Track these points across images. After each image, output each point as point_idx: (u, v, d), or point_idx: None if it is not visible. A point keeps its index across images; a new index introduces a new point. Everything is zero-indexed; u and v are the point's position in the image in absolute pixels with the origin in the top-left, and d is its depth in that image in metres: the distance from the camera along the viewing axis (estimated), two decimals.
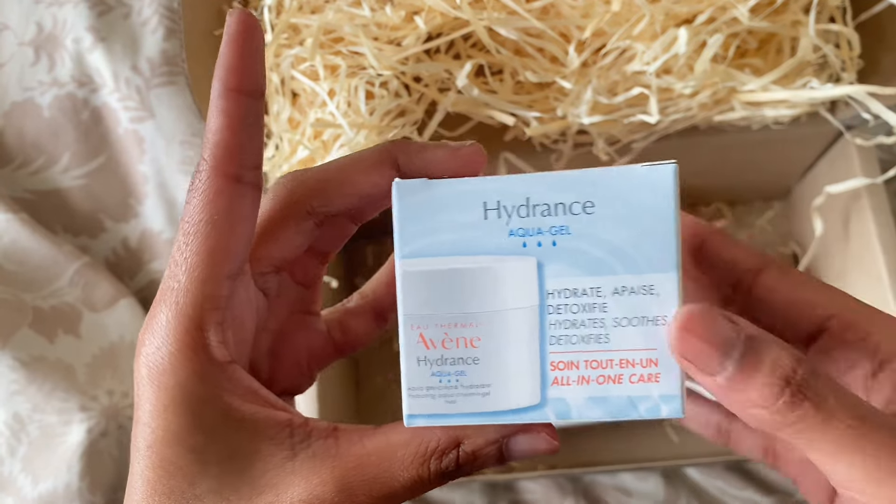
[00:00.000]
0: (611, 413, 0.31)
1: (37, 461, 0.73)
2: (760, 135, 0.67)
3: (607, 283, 0.30)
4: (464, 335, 0.31)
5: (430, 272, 0.31)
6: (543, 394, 0.31)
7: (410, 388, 0.31)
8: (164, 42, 0.80)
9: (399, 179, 0.31)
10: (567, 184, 0.30)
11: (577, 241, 0.30)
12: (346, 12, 0.61)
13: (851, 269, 0.70)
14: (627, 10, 0.59)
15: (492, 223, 0.30)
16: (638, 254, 0.29)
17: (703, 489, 0.74)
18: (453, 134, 0.66)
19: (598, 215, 0.30)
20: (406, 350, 0.31)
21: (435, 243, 0.30)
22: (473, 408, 0.31)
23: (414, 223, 0.31)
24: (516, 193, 0.30)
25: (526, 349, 0.31)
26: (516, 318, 0.30)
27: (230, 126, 0.30)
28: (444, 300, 0.31)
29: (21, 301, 0.77)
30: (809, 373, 0.27)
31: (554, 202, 0.30)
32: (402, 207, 0.31)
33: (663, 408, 0.30)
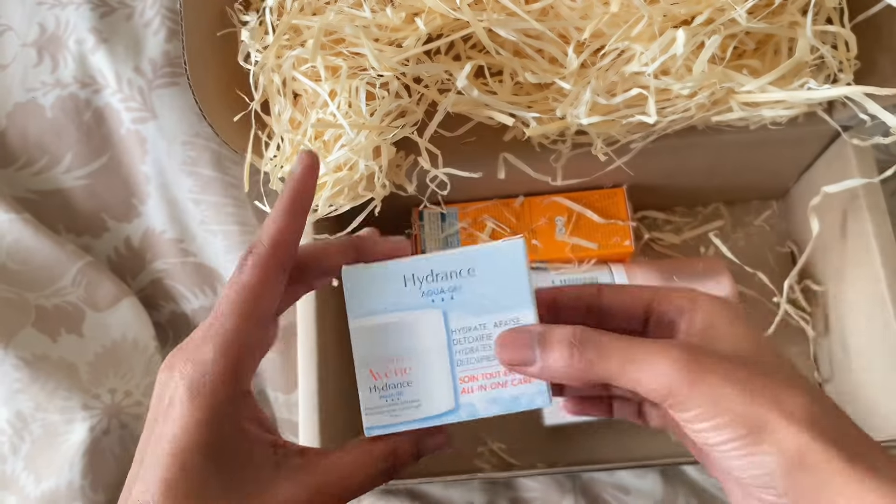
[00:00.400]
0: (503, 408, 0.45)
1: (39, 459, 0.74)
2: (758, 135, 0.67)
3: (490, 320, 0.44)
4: (398, 367, 0.45)
5: (372, 326, 0.44)
6: (456, 401, 0.45)
7: (366, 409, 0.44)
8: (167, 43, 0.80)
9: (346, 266, 0.45)
10: (456, 259, 0.44)
11: (466, 295, 0.44)
12: (347, 14, 0.61)
13: (849, 269, 0.71)
14: (626, 11, 0.59)
15: (409, 289, 0.45)
16: (506, 298, 0.44)
17: (701, 487, 0.75)
18: (453, 134, 0.67)
19: (479, 277, 0.44)
20: (360, 382, 0.44)
21: (374, 306, 0.44)
22: (410, 416, 0.44)
23: (358, 295, 0.44)
24: (424, 268, 0.44)
25: (441, 371, 0.45)
26: (432, 350, 0.45)
27: (289, 229, 0.42)
28: (382, 344, 0.45)
29: (24, 300, 0.77)
30: (583, 331, 0.40)
31: (449, 271, 0.44)
32: (349, 286, 0.44)
33: (537, 399, 0.44)
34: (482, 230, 0.75)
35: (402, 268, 0.45)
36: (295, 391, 0.77)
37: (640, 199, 0.79)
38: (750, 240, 0.83)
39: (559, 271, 0.74)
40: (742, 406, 0.37)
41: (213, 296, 0.82)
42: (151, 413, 0.40)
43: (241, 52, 0.66)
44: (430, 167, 0.64)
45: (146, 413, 0.75)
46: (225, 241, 0.80)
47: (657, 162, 0.70)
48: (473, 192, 0.73)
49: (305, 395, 0.66)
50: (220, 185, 0.80)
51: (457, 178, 0.65)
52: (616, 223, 0.74)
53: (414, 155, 0.67)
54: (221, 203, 0.80)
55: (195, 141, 0.80)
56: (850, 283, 0.70)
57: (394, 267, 0.45)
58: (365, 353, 0.45)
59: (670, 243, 0.83)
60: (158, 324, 0.83)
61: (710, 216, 0.84)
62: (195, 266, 0.82)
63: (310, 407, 0.66)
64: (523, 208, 0.75)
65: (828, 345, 0.76)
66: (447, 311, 0.45)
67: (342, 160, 0.61)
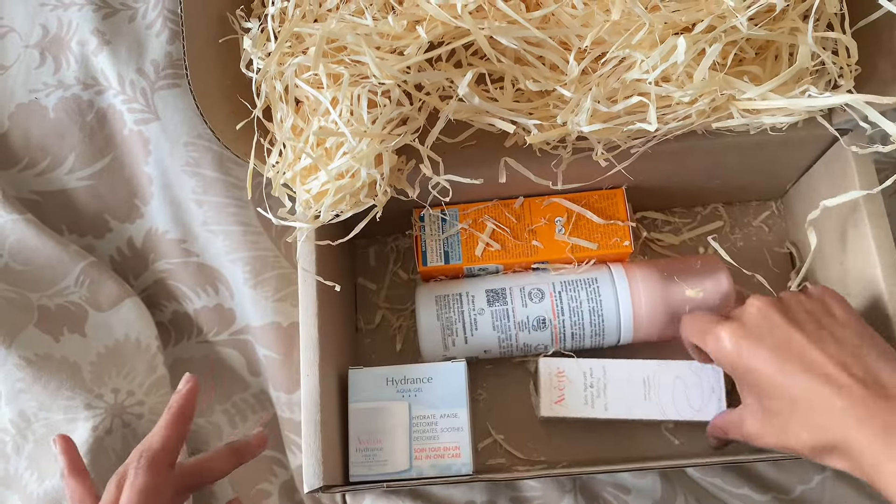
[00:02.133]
0: (441, 471, 0.68)
1: (42, 459, 0.74)
2: (757, 138, 0.67)
3: (438, 413, 0.70)
4: (376, 437, 0.69)
5: (363, 409, 0.70)
6: (411, 464, 0.68)
7: (352, 463, 0.69)
8: (169, 45, 0.80)
9: (351, 369, 0.72)
10: (421, 370, 0.71)
11: (425, 394, 0.70)
12: (349, 21, 0.61)
13: (848, 272, 0.71)
14: (627, 19, 0.59)
15: (388, 387, 0.71)
16: (451, 398, 0.70)
17: (700, 487, 0.75)
18: (455, 140, 0.67)
19: (434, 382, 0.70)
20: (351, 445, 0.69)
21: (365, 396, 0.71)
22: (380, 470, 0.69)
23: (357, 387, 0.71)
24: (398, 375, 0.71)
25: (403, 443, 0.69)
26: (399, 428, 0.69)
27: (175, 435, 0.61)
28: (368, 421, 0.70)
29: (27, 300, 0.78)
30: None
31: (416, 377, 0.71)
32: (353, 382, 0.71)
33: (462, 468, 0.68)
34: (482, 231, 0.75)
35: (386, 372, 0.71)
36: (297, 391, 0.78)
37: (639, 200, 0.79)
38: (749, 240, 0.83)
39: (559, 272, 0.74)
40: None
41: (216, 295, 0.82)
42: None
43: (244, 59, 0.66)
44: (432, 174, 0.65)
45: (149, 412, 0.76)
46: (227, 241, 0.80)
47: (657, 165, 0.71)
48: (473, 194, 0.73)
49: (307, 394, 0.67)
50: (223, 185, 0.81)
51: (458, 181, 0.65)
52: (615, 224, 0.74)
53: (415, 160, 0.67)
54: (223, 204, 0.80)
55: (198, 142, 0.80)
56: (849, 286, 0.71)
57: (380, 372, 0.71)
58: (356, 426, 0.70)
59: (669, 244, 0.83)
60: (161, 324, 0.83)
61: (708, 217, 0.84)
62: (197, 266, 0.82)
63: (311, 406, 0.66)
64: (523, 209, 0.76)
65: None
66: (411, 403, 0.70)
67: (344, 168, 0.61)
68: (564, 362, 0.71)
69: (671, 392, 0.71)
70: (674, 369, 0.71)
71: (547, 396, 0.72)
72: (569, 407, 0.71)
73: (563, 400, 0.71)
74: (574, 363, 0.71)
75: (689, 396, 0.71)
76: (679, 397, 0.71)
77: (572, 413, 0.71)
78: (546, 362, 0.72)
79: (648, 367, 0.71)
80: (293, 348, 0.78)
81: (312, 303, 0.69)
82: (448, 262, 0.75)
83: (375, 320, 0.84)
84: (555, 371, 0.72)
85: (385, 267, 0.86)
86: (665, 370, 0.71)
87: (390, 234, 0.87)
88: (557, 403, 0.71)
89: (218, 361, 0.83)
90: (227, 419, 0.80)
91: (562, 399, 0.71)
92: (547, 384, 0.72)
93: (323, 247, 0.70)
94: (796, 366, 0.55)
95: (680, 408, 0.70)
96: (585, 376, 0.71)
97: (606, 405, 0.71)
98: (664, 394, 0.71)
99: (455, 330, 0.74)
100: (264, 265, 0.80)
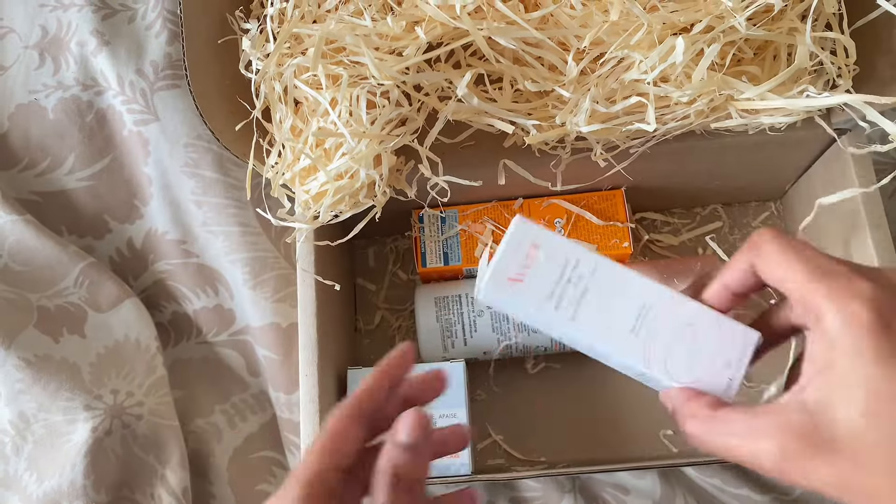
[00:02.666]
0: (440, 472, 0.69)
1: (42, 460, 0.74)
2: (756, 138, 0.68)
3: (436, 413, 0.69)
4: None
5: None
6: None
7: None
8: (168, 45, 0.80)
9: (350, 369, 0.72)
10: (420, 370, 0.52)
11: None
12: (348, 22, 0.61)
13: None
14: (625, 19, 0.60)
15: None
16: (450, 398, 0.70)
17: (699, 487, 0.75)
18: (453, 141, 0.67)
19: None
20: None
21: None
22: None
23: (355, 388, 0.52)
24: None
25: None
26: None
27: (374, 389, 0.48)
28: None
29: (26, 301, 0.78)
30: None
31: None
32: (351, 384, 0.72)
33: (461, 468, 0.69)
34: (482, 232, 0.75)
35: None
36: (296, 391, 0.78)
37: (638, 201, 0.79)
38: None
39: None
40: None
41: (215, 296, 0.82)
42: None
43: (243, 60, 0.66)
44: (431, 175, 0.65)
45: (148, 413, 0.76)
46: (226, 242, 0.80)
47: (656, 165, 0.71)
48: (473, 195, 0.73)
49: (306, 394, 0.67)
50: (222, 186, 0.81)
51: (457, 182, 0.66)
52: (615, 225, 0.74)
53: (414, 161, 0.67)
54: (223, 204, 0.80)
55: (197, 143, 0.80)
56: None
57: None
58: None
59: (669, 244, 0.83)
60: (160, 324, 0.83)
61: (708, 217, 0.84)
62: (197, 267, 0.82)
63: (310, 407, 0.66)
64: (522, 210, 0.76)
65: None
66: None
67: (343, 168, 0.61)
68: (547, 236, 0.50)
69: (671, 340, 0.48)
70: (689, 312, 0.48)
71: (501, 266, 0.49)
72: (523, 294, 0.49)
73: (522, 282, 0.49)
74: (559, 243, 0.49)
75: (692, 357, 0.47)
76: (678, 353, 0.48)
77: (521, 305, 0.49)
78: (523, 225, 0.50)
79: (655, 293, 0.49)
80: (292, 349, 0.78)
81: (311, 303, 0.69)
82: (447, 264, 0.75)
83: (375, 321, 0.84)
84: (529, 241, 0.49)
85: (384, 268, 0.86)
86: (676, 308, 0.48)
87: (389, 235, 0.87)
88: (511, 281, 0.49)
89: (217, 362, 0.83)
90: (226, 419, 0.80)
91: (520, 278, 0.49)
92: (511, 250, 0.49)
93: (322, 247, 0.70)
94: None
95: (672, 367, 0.48)
96: (565, 266, 0.49)
97: (575, 314, 0.49)
98: (660, 338, 0.48)
99: (454, 332, 0.74)
100: (264, 266, 0.80)
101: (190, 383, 0.82)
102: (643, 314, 0.48)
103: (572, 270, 0.49)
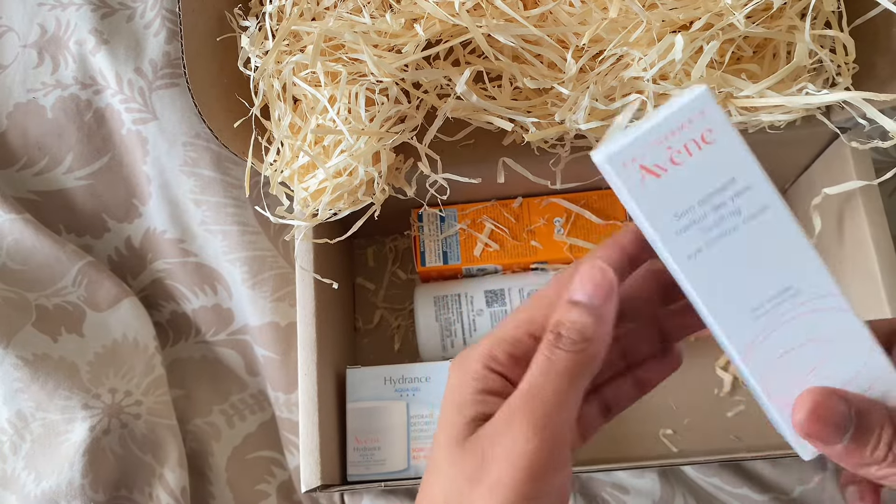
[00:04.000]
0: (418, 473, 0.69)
1: (40, 459, 0.74)
2: (756, 136, 0.67)
3: (436, 412, 0.68)
4: (374, 436, 0.69)
5: (361, 408, 0.70)
6: (409, 463, 0.68)
7: (350, 462, 0.69)
8: (167, 44, 0.80)
9: (349, 368, 0.71)
10: (419, 369, 0.70)
11: (423, 394, 0.69)
12: (347, 20, 0.61)
13: (846, 269, 0.71)
14: (624, 16, 0.59)
15: (386, 386, 0.70)
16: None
17: (698, 486, 0.75)
18: (453, 139, 0.67)
19: (432, 382, 0.69)
20: (349, 444, 0.69)
21: (363, 395, 0.70)
22: (378, 470, 0.68)
23: (354, 387, 0.70)
24: (396, 374, 0.70)
25: (401, 442, 0.69)
26: (397, 428, 0.69)
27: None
28: (365, 420, 0.69)
29: (25, 300, 0.78)
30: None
31: (414, 377, 0.70)
32: (350, 381, 0.71)
33: None
34: (481, 231, 0.75)
35: (384, 372, 0.70)
36: (295, 391, 0.78)
37: None
38: None
39: (559, 272, 0.74)
40: None
41: (214, 295, 0.82)
42: None
43: (241, 57, 0.66)
44: (430, 172, 0.65)
45: (146, 413, 0.76)
46: (225, 241, 0.80)
47: None
48: (472, 194, 0.73)
49: (305, 394, 0.67)
50: (221, 185, 0.80)
51: (456, 180, 0.65)
52: (614, 223, 0.74)
53: (413, 159, 0.67)
54: (222, 203, 0.80)
55: (196, 142, 0.80)
56: (848, 283, 0.70)
57: (378, 371, 0.70)
58: (354, 426, 0.69)
59: None
60: (159, 324, 0.83)
61: None
62: (196, 266, 0.82)
63: (309, 406, 0.66)
64: (522, 209, 0.76)
65: None
66: (409, 403, 0.69)
67: (342, 166, 0.61)
68: (729, 133, 0.35)
69: (793, 348, 0.37)
70: (860, 344, 0.37)
71: (643, 142, 0.35)
72: (649, 193, 0.36)
73: (659, 177, 0.36)
74: (740, 151, 0.36)
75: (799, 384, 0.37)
76: (790, 368, 0.37)
77: (639, 204, 0.36)
78: (709, 99, 0.35)
79: (822, 283, 0.36)
80: (291, 348, 0.78)
81: (310, 302, 0.69)
82: (447, 263, 0.75)
83: (374, 320, 0.84)
84: (704, 124, 0.35)
85: (383, 267, 0.86)
86: (840, 320, 0.37)
87: (389, 235, 0.87)
88: (644, 171, 0.36)
89: (216, 361, 0.83)
90: (225, 419, 0.80)
91: (658, 172, 0.36)
92: (671, 124, 0.35)
93: (321, 246, 0.70)
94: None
95: (771, 383, 0.37)
96: (729, 184, 0.36)
97: (698, 254, 0.36)
98: (782, 340, 0.37)
99: (454, 331, 0.74)
100: (262, 265, 0.80)
101: (188, 383, 0.82)
102: (782, 299, 0.36)
103: (734, 196, 0.35)
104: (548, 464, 0.35)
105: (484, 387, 0.39)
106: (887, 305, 0.65)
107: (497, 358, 0.39)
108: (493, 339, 0.39)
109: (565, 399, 0.36)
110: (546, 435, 0.35)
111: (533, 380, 0.36)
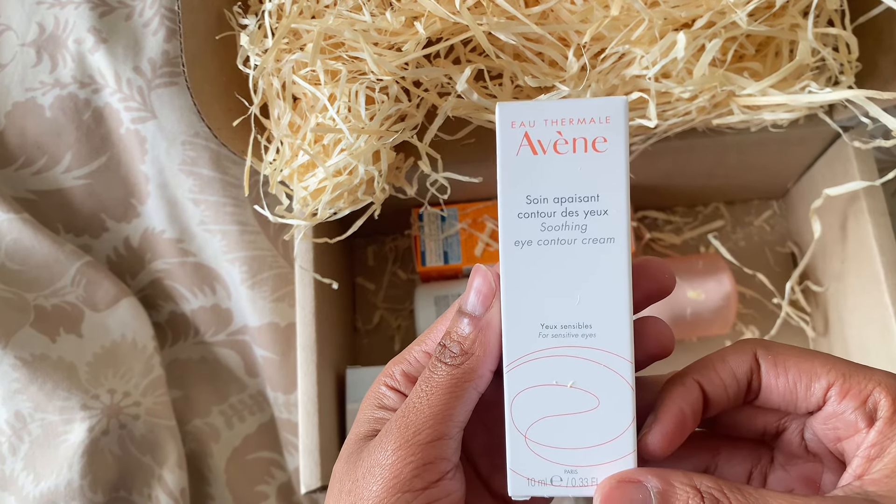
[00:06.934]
0: None
1: (38, 460, 0.74)
2: (758, 136, 0.67)
3: None
4: None
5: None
6: None
7: None
8: (166, 43, 0.80)
9: (349, 367, 0.70)
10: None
11: None
12: (347, 18, 0.61)
13: (849, 269, 0.70)
14: (626, 14, 0.59)
15: None
16: None
17: None
18: (453, 137, 0.67)
19: None
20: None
21: (363, 395, 0.51)
22: None
23: (355, 387, 0.70)
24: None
25: None
26: None
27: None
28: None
29: (23, 300, 0.77)
30: (714, 483, 0.32)
31: None
32: (350, 381, 0.70)
33: None
34: (482, 230, 0.75)
35: None
36: (294, 391, 0.78)
37: (640, 199, 0.79)
38: (750, 240, 0.83)
39: None
40: None
41: (213, 295, 0.82)
42: None
43: (241, 56, 0.65)
44: (431, 171, 0.64)
45: (145, 413, 0.76)
46: (224, 240, 0.80)
47: (657, 163, 0.70)
48: (473, 193, 0.73)
49: (304, 394, 0.67)
50: (220, 184, 0.80)
51: (457, 179, 0.65)
52: None
53: (414, 157, 0.67)
54: (221, 203, 0.80)
55: (195, 141, 0.80)
56: (851, 284, 0.70)
57: (379, 371, 0.47)
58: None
59: (671, 243, 0.83)
60: (158, 324, 0.83)
61: (710, 216, 0.84)
62: (194, 266, 0.82)
63: (308, 407, 0.66)
64: None
65: (827, 345, 0.76)
66: None
67: (342, 165, 0.61)
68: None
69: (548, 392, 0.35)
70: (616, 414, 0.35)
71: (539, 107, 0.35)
72: (531, 168, 0.35)
73: (545, 154, 0.35)
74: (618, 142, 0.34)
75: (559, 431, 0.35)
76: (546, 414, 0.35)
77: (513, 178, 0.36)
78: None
79: (616, 338, 0.34)
80: (291, 349, 0.78)
81: (310, 302, 0.69)
82: (447, 263, 0.75)
83: (374, 320, 0.84)
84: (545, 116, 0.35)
85: (384, 267, 0.86)
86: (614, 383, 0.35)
87: (389, 234, 0.86)
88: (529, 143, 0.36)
89: (215, 362, 0.83)
90: (224, 420, 0.80)
91: (545, 149, 0.35)
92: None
93: (321, 245, 0.70)
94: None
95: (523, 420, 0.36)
96: (578, 191, 0.35)
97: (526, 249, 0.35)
98: (547, 372, 0.35)
99: None
100: (262, 265, 0.80)
101: (187, 383, 0.82)
102: (577, 332, 0.35)
103: (589, 213, 0.34)
104: (414, 478, 0.34)
105: (380, 404, 0.39)
106: (890, 306, 0.65)
107: (393, 375, 0.40)
108: (396, 356, 0.40)
109: (443, 412, 0.35)
110: (413, 449, 0.35)
111: (412, 395, 0.36)
